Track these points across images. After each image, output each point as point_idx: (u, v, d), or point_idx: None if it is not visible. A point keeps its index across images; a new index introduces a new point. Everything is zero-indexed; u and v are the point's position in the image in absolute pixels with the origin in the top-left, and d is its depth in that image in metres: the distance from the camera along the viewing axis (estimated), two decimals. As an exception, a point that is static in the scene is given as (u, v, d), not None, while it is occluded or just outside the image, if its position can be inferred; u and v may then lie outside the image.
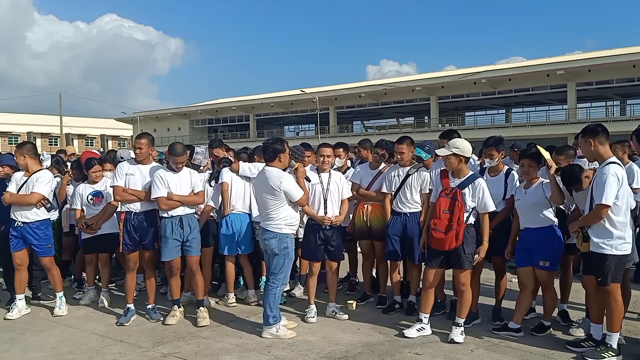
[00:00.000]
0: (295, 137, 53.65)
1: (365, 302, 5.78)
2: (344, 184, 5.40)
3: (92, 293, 6.00)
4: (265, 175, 4.76)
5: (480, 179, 4.66)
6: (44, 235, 5.46)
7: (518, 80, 38.06)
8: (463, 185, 4.61)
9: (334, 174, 5.40)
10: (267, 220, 4.82)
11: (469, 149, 4.67)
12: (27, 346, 4.68)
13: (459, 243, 4.51)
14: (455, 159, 4.62)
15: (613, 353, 4.12)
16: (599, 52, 40.80)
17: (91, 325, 5.19)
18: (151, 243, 5.33)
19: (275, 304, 4.79)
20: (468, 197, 4.58)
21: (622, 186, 4.04)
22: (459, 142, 4.67)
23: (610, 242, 4.06)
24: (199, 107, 57.77)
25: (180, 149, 5.20)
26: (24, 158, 5.44)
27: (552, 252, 4.64)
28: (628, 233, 4.11)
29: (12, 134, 63.08)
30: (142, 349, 4.55)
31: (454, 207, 4.52)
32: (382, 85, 46.25)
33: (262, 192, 4.81)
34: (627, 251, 4.11)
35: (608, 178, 3.99)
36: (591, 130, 4.23)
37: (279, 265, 4.79)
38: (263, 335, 4.74)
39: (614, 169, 4.03)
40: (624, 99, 42.12)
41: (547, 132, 34.70)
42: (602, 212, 4.02)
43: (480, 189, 4.58)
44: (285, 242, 4.79)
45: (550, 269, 4.66)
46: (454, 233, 4.49)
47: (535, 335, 4.66)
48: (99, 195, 5.89)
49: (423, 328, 4.73)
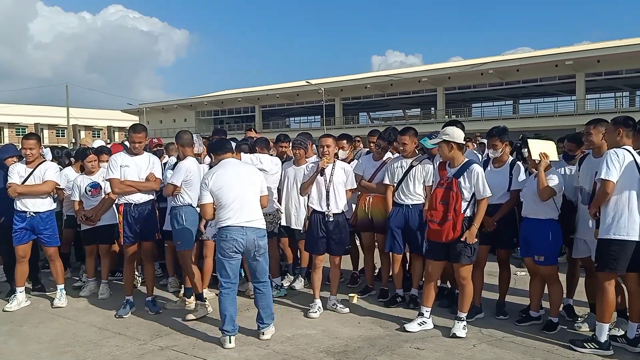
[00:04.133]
0: (299, 128, 53.48)
1: (367, 295, 5.71)
2: (350, 175, 5.29)
3: (93, 284, 5.97)
4: (247, 167, 4.69)
5: (475, 165, 4.54)
6: (53, 225, 5.53)
7: (526, 71, 37.62)
8: (458, 173, 4.51)
9: (339, 164, 5.30)
10: (257, 217, 4.45)
11: (460, 135, 4.57)
12: (25, 338, 4.66)
13: (456, 234, 4.41)
14: (446, 146, 4.53)
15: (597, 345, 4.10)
16: (608, 42, 40.22)
17: (90, 317, 5.16)
18: (152, 234, 5.30)
19: None
20: (464, 186, 4.47)
21: (623, 167, 3.97)
22: (448, 129, 4.61)
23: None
24: (204, 99, 57.73)
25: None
26: (34, 149, 5.43)
27: (547, 247, 4.55)
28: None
29: (20, 125, 63.27)
30: (140, 341, 4.51)
31: (449, 197, 4.43)
32: (388, 76, 45.94)
33: (248, 187, 4.47)
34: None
35: (606, 156, 4.00)
36: (622, 121, 4.16)
37: (268, 261, 4.65)
38: (266, 337, 4.45)
39: (615, 150, 4.02)
40: (634, 90, 41.58)
41: (555, 124, 34.31)
42: (606, 186, 3.95)
43: (474, 174, 4.47)
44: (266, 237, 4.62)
45: (546, 264, 4.58)
46: (450, 224, 4.38)
47: (546, 333, 4.53)
48: (97, 187, 5.84)
49: (424, 322, 4.65)
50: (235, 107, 54.85)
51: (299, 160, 5.79)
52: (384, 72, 51.73)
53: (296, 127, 55.14)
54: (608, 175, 3.95)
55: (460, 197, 4.41)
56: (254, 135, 6.73)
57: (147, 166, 5.24)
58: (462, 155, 4.62)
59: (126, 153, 5.30)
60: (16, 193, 5.32)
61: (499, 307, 5.04)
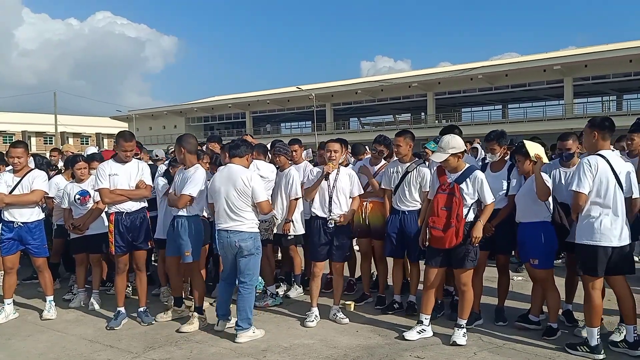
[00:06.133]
0: (290, 134, 53.39)
1: (363, 303, 5.62)
2: (355, 181, 5.20)
3: (82, 295, 5.82)
4: (235, 173, 4.65)
5: (478, 171, 4.51)
6: (42, 235, 5.38)
7: (515, 76, 37.96)
8: (460, 179, 4.46)
9: (344, 170, 5.22)
10: (238, 220, 4.61)
11: (462, 143, 4.55)
12: (13, 352, 4.51)
13: (459, 241, 4.35)
14: (454, 158, 4.48)
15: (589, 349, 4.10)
16: (596, 47, 40.69)
17: (80, 330, 5.01)
18: (145, 242, 5.18)
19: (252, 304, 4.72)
20: (466, 191, 4.42)
21: (596, 176, 4.00)
22: (452, 141, 4.48)
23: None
24: (194, 105, 57.46)
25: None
26: (21, 157, 5.27)
27: (540, 249, 4.52)
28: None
29: (7, 133, 62.52)
30: (132, 354, 4.37)
31: (452, 203, 4.36)
32: (378, 81, 46.04)
33: (230, 191, 4.60)
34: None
35: (579, 166, 4.07)
36: (598, 124, 4.19)
37: (256, 264, 4.72)
38: (239, 340, 4.52)
39: (588, 159, 4.06)
40: (621, 94, 42.03)
41: (544, 128, 34.51)
42: (578, 198, 4.03)
43: (478, 181, 4.43)
44: (259, 241, 4.75)
45: (540, 267, 4.54)
46: (453, 230, 4.32)
47: (546, 339, 4.46)
48: (86, 195, 5.70)
49: (424, 330, 4.57)
50: (225, 113, 54.67)
51: (283, 166, 5.82)
52: (374, 78, 51.85)
53: (287, 132, 55.01)
54: (579, 187, 4.01)
55: (462, 203, 4.36)
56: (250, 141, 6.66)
57: (136, 173, 5.12)
58: (463, 162, 4.57)
59: (114, 161, 5.16)
60: (3, 203, 5.17)
61: (498, 313, 4.97)
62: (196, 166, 4.99)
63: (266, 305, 5.54)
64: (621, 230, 4.03)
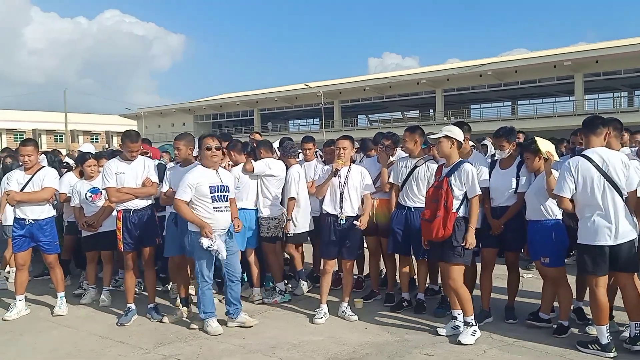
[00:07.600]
0: (298, 132, 53.44)
1: (372, 300, 5.62)
2: (366, 179, 5.17)
3: (93, 292, 5.87)
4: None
5: (467, 164, 4.51)
6: (53, 232, 5.41)
7: (524, 72, 37.58)
8: (450, 172, 4.49)
9: (356, 168, 5.21)
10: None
11: (460, 134, 4.59)
12: (24, 348, 4.55)
13: (447, 232, 4.36)
14: (447, 141, 4.51)
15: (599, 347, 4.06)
16: (607, 42, 40.22)
17: (91, 326, 5.05)
18: (152, 239, 5.20)
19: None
20: (454, 183, 4.43)
21: (578, 178, 4.01)
22: (451, 126, 4.66)
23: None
24: (203, 103, 57.63)
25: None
26: (31, 155, 5.30)
27: (551, 247, 4.49)
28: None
29: (18, 131, 63.10)
30: (143, 350, 4.41)
31: (438, 195, 4.42)
32: (386, 78, 45.88)
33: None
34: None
35: (561, 170, 4.10)
36: (582, 124, 4.24)
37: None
38: (230, 324, 4.84)
39: (570, 162, 4.09)
40: (632, 90, 41.57)
41: (555, 124, 34.25)
42: (560, 202, 4.12)
43: (465, 172, 4.44)
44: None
45: (551, 265, 4.51)
46: (439, 220, 4.35)
47: (557, 337, 4.43)
48: (97, 192, 5.74)
49: (458, 326, 4.54)
50: (234, 110, 54.74)
51: (289, 166, 5.82)
52: (382, 75, 51.67)
53: (295, 130, 55.05)
54: (560, 192, 4.06)
55: (451, 194, 4.39)
56: (258, 138, 6.69)
57: (142, 171, 5.14)
58: (457, 155, 4.58)
59: (120, 159, 5.19)
60: (15, 201, 5.22)
61: (509, 311, 4.94)
62: (194, 164, 4.99)
63: (275, 302, 5.55)
64: (616, 228, 3.95)
